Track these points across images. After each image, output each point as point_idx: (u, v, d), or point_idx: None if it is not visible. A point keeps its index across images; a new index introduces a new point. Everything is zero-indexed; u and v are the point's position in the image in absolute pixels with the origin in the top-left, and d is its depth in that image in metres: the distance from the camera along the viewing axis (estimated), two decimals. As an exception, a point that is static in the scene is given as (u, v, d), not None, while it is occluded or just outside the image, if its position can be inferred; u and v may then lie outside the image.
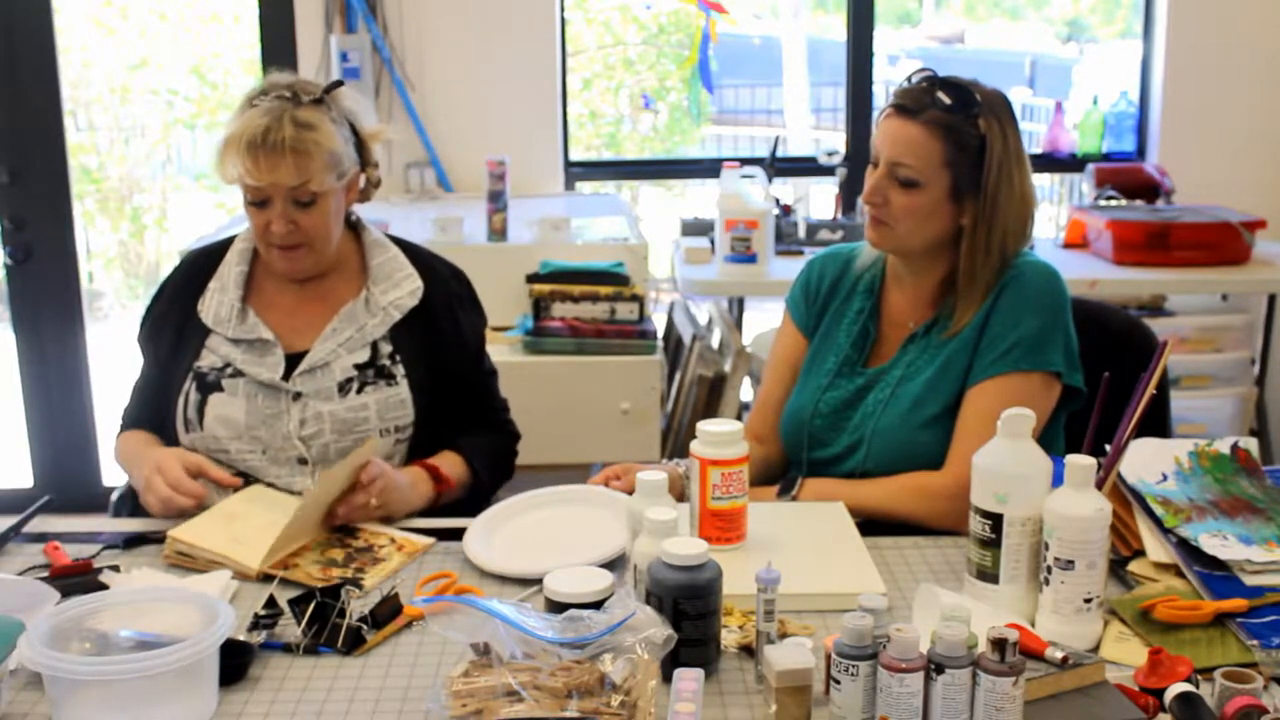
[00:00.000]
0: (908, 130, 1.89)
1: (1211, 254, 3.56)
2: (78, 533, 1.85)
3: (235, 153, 1.89)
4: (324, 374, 1.99)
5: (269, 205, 1.93)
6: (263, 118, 1.89)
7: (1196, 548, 1.58)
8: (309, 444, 1.96)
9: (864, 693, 1.26)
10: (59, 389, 4.15)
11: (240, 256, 2.07)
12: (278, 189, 1.90)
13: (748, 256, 3.43)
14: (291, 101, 1.92)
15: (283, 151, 1.88)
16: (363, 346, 2.02)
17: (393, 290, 2.05)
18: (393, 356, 2.03)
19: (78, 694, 1.30)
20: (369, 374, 2.00)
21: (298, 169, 1.89)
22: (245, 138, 1.88)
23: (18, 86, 3.96)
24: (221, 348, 2.01)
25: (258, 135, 1.87)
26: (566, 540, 1.75)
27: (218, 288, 2.05)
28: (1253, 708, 1.26)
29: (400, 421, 2.01)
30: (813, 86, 7.97)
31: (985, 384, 1.89)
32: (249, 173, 1.88)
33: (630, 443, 3.14)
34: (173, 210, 7.16)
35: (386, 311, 2.04)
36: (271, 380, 1.98)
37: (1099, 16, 9.00)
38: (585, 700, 1.28)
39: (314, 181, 1.91)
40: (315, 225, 1.95)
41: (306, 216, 1.94)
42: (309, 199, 1.92)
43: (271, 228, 1.93)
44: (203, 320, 2.03)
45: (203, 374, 2.00)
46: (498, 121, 3.97)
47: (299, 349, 2.01)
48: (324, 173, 1.92)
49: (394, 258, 2.09)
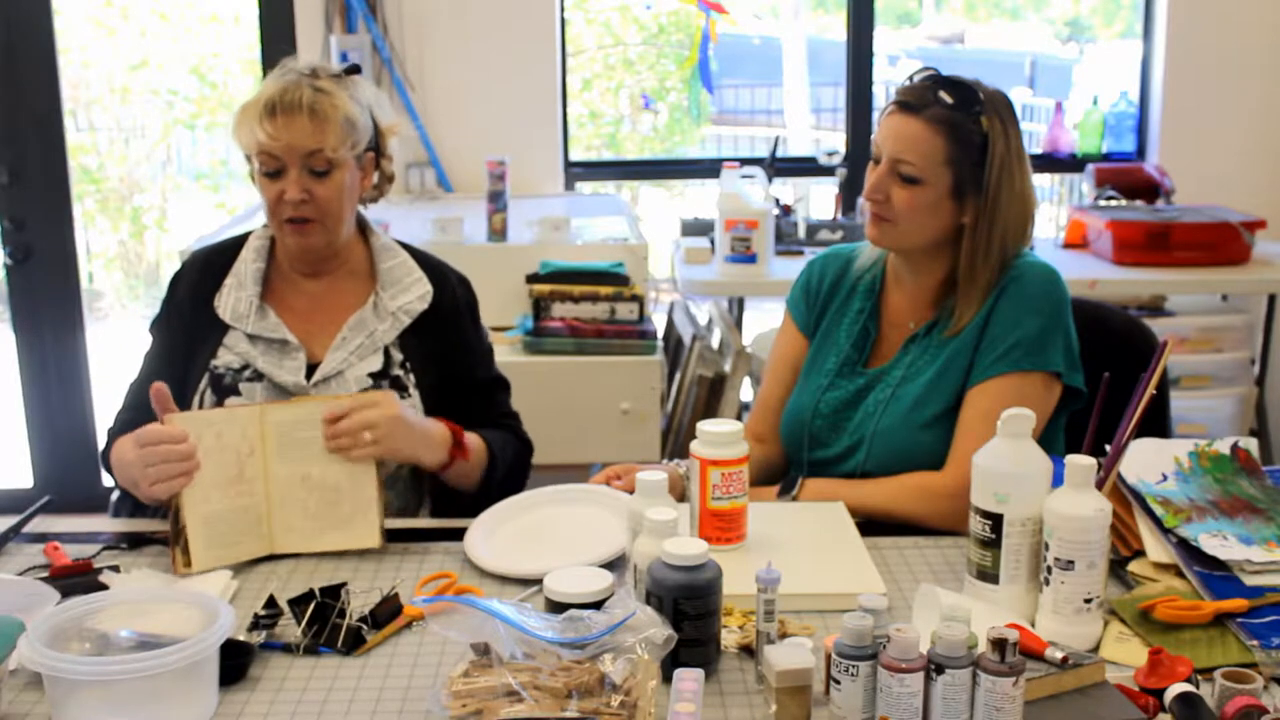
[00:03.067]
0: (910, 127, 1.89)
1: (1211, 254, 3.56)
2: (78, 533, 1.85)
3: (253, 115, 1.89)
4: (339, 384, 1.97)
5: (283, 174, 1.91)
6: (280, 83, 1.91)
7: (1196, 548, 1.58)
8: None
9: (864, 693, 1.26)
10: (59, 389, 4.15)
11: (257, 253, 2.04)
12: (293, 153, 1.89)
13: (748, 256, 3.43)
14: (309, 75, 1.94)
15: (300, 110, 1.88)
16: (374, 352, 2.00)
17: (401, 295, 2.04)
18: (404, 365, 2.01)
19: (78, 694, 1.30)
20: (384, 385, 1.98)
21: (314, 131, 1.89)
22: (263, 99, 1.89)
23: (18, 86, 3.96)
24: (240, 345, 1.99)
25: (275, 95, 1.89)
26: (566, 540, 1.75)
27: (234, 284, 2.03)
28: (1253, 708, 1.26)
29: None
30: (813, 86, 7.97)
31: (986, 384, 1.89)
32: (266, 135, 1.88)
33: (630, 443, 3.14)
34: (173, 210, 7.16)
35: (396, 316, 2.02)
36: (294, 384, 1.95)
37: (1099, 16, 9.00)
38: (585, 700, 1.28)
39: (329, 147, 1.90)
40: (328, 197, 1.93)
41: (320, 187, 1.92)
42: (324, 167, 1.92)
43: (286, 196, 1.91)
44: (220, 316, 2.00)
45: (219, 375, 1.97)
46: (498, 121, 3.97)
47: (314, 356, 1.99)
48: (340, 140, 1.91)
49: (403, 262, 2.07)
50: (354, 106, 1.95)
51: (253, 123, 1.89)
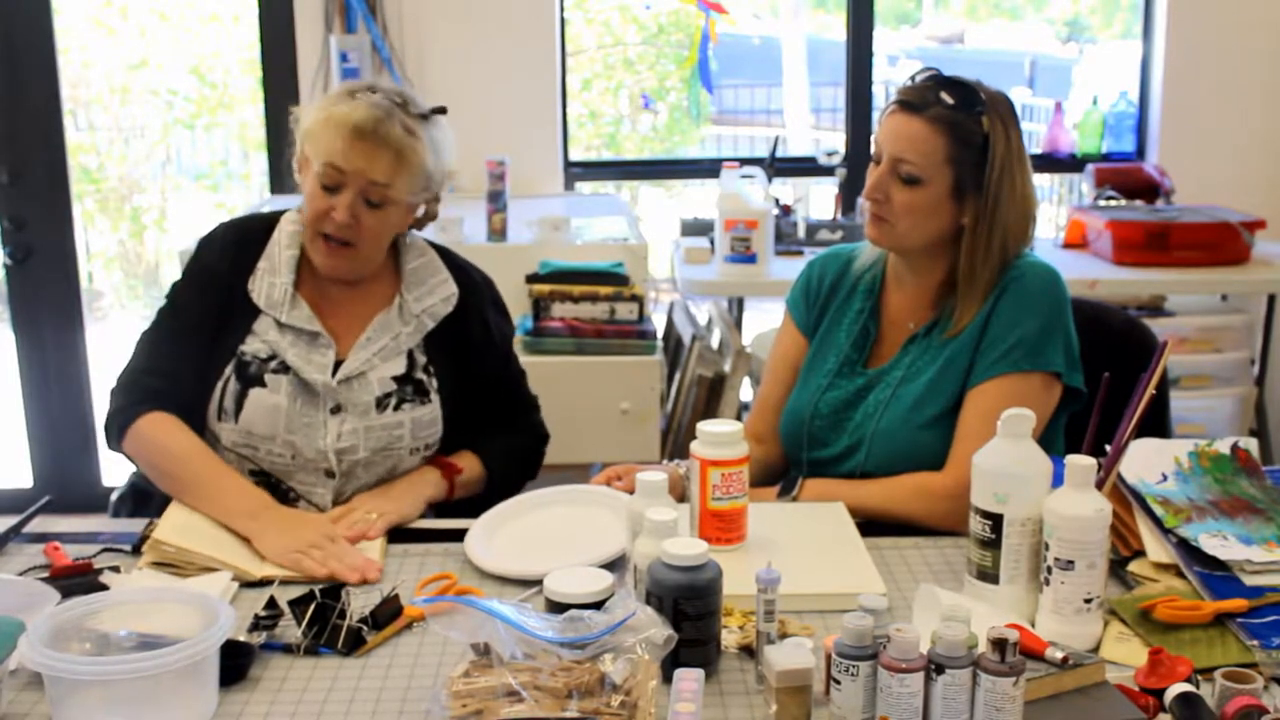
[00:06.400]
0: (911, 126, 1.89)
1: (1211, 254, 3.56)
2: (78, 533, 1.85)
3: (338, 132, 1.86)
4: (361, 385, 1.95)
5: (339, 192, 1.89)
6: (374, 109, 1.88)
7: (1196, 548, 1.58)
8: (341, 458, 1.93)
9: (864, 693, 1.26)
10: (59, 389, 4.15)
11: (291, 240, 1.99)
12: (359, 180, 1.88)
13: (747, 256, 3.43)
14: (400, 107, 1.92)
15: (386, 147, 1.87)
16: (398, 355, 1.99)
17: (427, 297, 2.02)
18: (427, 369, 2.00)
19: (78, 694, 1.30)
20: (407, 390, 1.97)
21: (392, 170, 1.88)
22: (354, 120, 1.86)
23: (18, 86, 3.96)
24: (269, 333, 1.95)
25: (368, 123, 1.86)
26: (566, 540, 1.75)
27: (267, 268, 1.98)
28: (1253, 708, 1.26)
29: (431, 439, 2.00)
30: (813, 86, 7.97)
31: (986, 384, 1.89)
32: (343, 155, 1.86)
33: (630, 443, 3.14)
34: (172, 210, 7.16)
35: (420, 320, 2.01)
36: (321, 383, 1.92)
37: (1099, 16, 9.00)
38: (585, 700, 1.28)
39: (395, 188, 1.89)
40: (373, 230, 1.92)
41: (370, 216, 1.90)
42: (380, 201, 1.90)
43: (334, 214, 1.88)
44: (253, 299, 1.97)
45: (246, 363, 1.94)
46: (498, 121, 3.97)
47: (339, 352, 1.97)
48: (409, 185, 1.91)
49: (429, 262, 2.05)
50: (432, 156, 1.94)
51: (336, 137, 1.86)
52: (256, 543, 1.75)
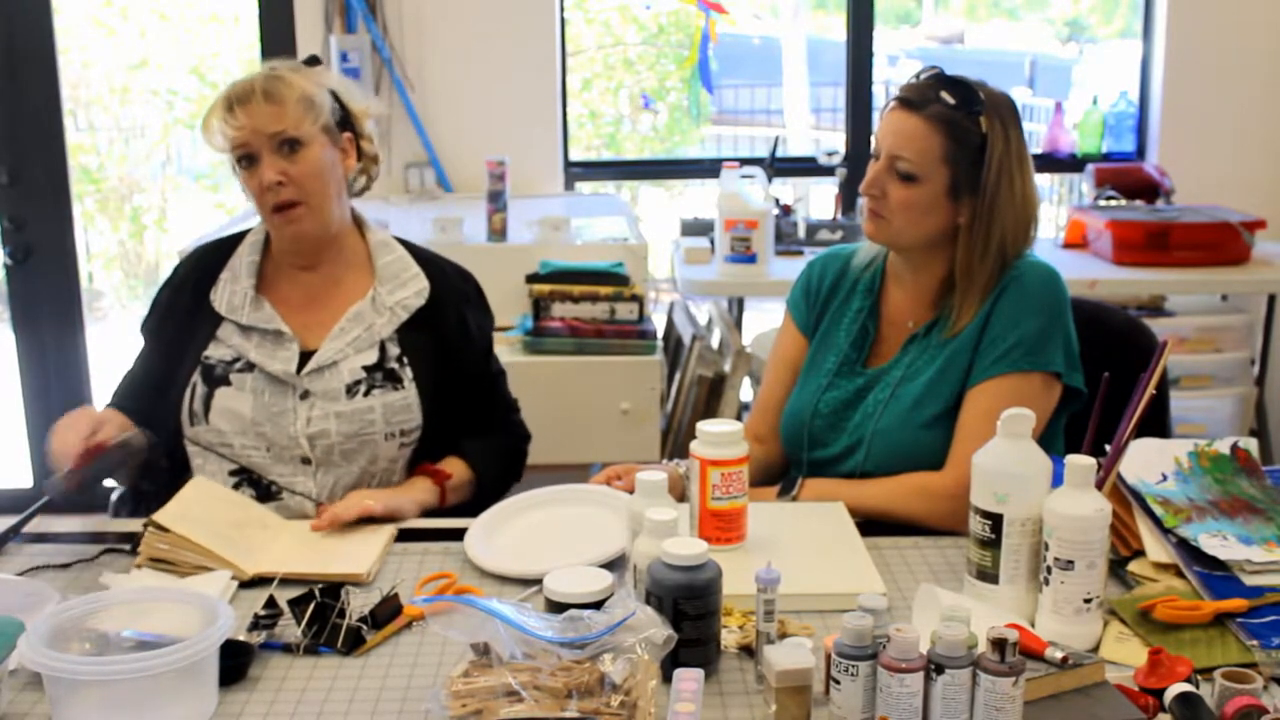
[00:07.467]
0: (909, 123, 1.89)
1: (1211, 254, 3.56)
2: (78, 533, 1.85)
3: (219, 115, 1.94)
4: (332, 374, 1.99)
5: (257, 161, 1.94)
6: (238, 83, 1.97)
7: (1196, 548, 1.58)
8: (314, 444, 1.96)
9: (864, 693, 1.26)
10: (59, 389, 4.14)
11: (252, 248, 2.07)
12: (259, 138, 1.93)
13: (747, 256, 3.43)
14: (266, 69, 2.00)
15: (255, 96, 1.93)
16: (371, 346, 2.01)
17: (399, 290, 2.05)
18: (400, 359, 2.03)
19: (78, 694, 1.30)
20: (377, 376, 2.00)
21: (272, 112, 1.92)
22: (224, 96, 1.95)
23: (18, 86, 3.96)
24: (233, 338, 2.01)
25: (235, 90, 1.94)
26: (566, 540, 1.75)
27: (229, 277, 2.05)
28: (1253, 708, 1.26)
29: (406, 425, 2.01)
30: (813, 86, 7.97)
31: (985, 384, 1.89)
32: (234, 126, 1.92)
33: (630, 443, 3.14)
34: (172, 210, 7.16)
35: (393, 311, 2.03)
36: (284, 373, 1.97)
37: (1099, 16, 9.00)
38: (585, 700, 1.28)
39: (290, 124, 1.93)
40: (304, 175, 1.95)
41: (294, 166, 1.94)
42: (292, 143, 1.94)
43: (263, 180, 1.94)
44: (215, 308, 2.03)
45: (210, 366, 1.99)
46: (498, 121, 3.97)
47: (309, 347, 2.01)
48: (299, 116, 1.94)
49: (400, 258, 2.09)
50: (310, 86, 1.98)
51: (220, 120, 1.94)
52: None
